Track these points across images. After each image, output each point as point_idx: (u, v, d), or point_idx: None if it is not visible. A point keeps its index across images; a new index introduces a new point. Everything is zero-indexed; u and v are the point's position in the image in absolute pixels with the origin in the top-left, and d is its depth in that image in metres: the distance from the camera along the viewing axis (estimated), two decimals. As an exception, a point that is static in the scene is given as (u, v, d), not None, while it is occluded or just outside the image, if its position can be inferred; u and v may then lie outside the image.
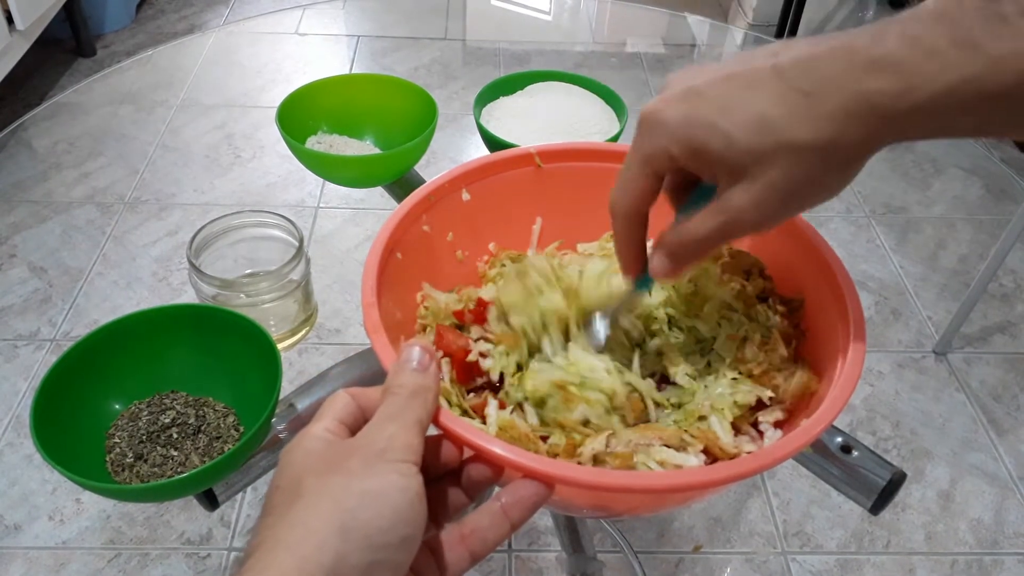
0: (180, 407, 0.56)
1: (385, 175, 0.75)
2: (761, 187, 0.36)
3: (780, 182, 0.35)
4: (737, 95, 0.35)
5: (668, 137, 0.37)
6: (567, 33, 2.03)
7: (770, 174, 0.35)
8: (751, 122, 0.35)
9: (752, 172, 0.36)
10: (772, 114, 0.34)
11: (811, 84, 0.34)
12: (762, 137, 0.34)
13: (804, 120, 0.34)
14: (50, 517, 1.08)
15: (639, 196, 0.41)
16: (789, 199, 0.36)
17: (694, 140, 0.36)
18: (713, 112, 0.35)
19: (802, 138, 0.34)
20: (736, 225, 0.38)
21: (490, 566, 1.07)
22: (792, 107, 0.34)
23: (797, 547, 1.10)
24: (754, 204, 0.36)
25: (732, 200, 0.37)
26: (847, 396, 0.42)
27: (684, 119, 0.36)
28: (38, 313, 1.35)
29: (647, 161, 0.39)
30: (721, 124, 0.35)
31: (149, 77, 1.87)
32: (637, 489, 0.38)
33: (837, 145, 0.34)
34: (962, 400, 1.29)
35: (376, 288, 0.46)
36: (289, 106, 0.75)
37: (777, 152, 0.35)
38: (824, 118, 0.34)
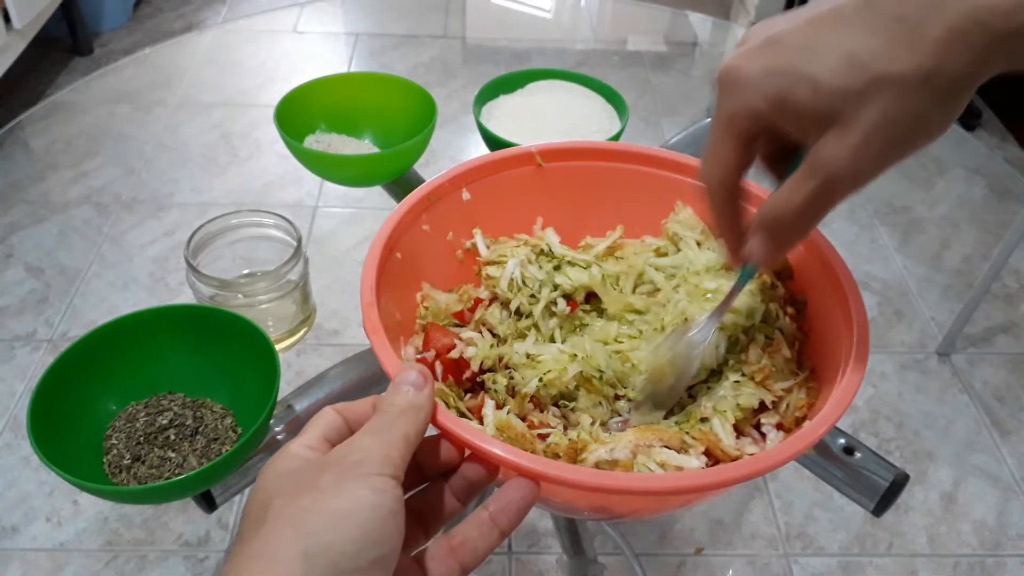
0: (178, 408, 0.56)
1: (384, 174, 0.74)
2: (858, 132, 0.32)
3: (880, 123, 0.31)
4: (822, 36, 0.32)
5: (750, 92, 0.34)
6: (568, 31, 2.02)
7: (867, 115, 0.31)
8: (840, 60, 0.31)
9: (845, 116, 0.32)
10: (864, 48, 0.31)
11: (908, 8, 0.30)
12: (854, 74, 0.31)
13: (903, 49, 0.30)
14: (47, 519, 1.08)
15: (729, 165, 0.37)
16: (890, 143, 0.32)
17: (777, 90, 0.33)
18: (796, 58, 0.32)
19: (901, 69, 0.30)
20: (834, 183, 0.33)
21: (490, 568, 1.07)
22: (888, 37, 0.30)
23: (799, 549, 1.10)
24: (851, 154, 0.32)
25: (825, 153, 0.33)
26: (850, 399, 0.41)
27: (764, 70, 0.33)
28: (35, 314, 1.34)
29: (731, 123, 0.35)
30: (806, 68, 0.32)
31: (146, 76, 1.87)
32: (639, 491, 0.38)
33: (943, 74, 0.30)
34: (965, 401, 1.29)
35: (375, 288, 0.46)
36: (287, 105, 0.74)
37: (873, 89, 0.31)
38: (926, 44, 0.30)
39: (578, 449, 0.43)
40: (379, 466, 0.32)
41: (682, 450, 0.44)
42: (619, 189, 0.58)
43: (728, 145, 0.36)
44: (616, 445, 0.43)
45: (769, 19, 0.35)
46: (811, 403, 0.46)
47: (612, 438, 0.44)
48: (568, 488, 0.38)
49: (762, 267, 0.40)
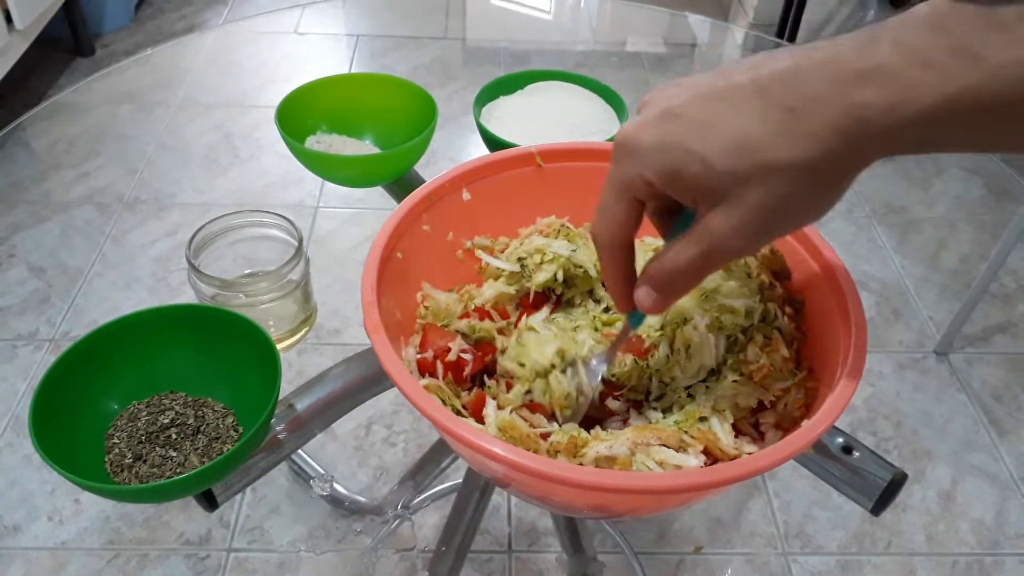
0: (179, 407, 0.56)
1: (385, 175, 0.75)
2: (742, 211, 0.34)
3: (762, 205, 0.34)
4: (715, 115, 0.33)
5: (643, 163, 0.36)
6: (567, 32, 2.02)
7: (751, 197, 0.33)
8: (729, 143, 0.33)
9: (732, 195, 0.34)
10: (752, 133, 0.33)
11: (794, 99, 0.32)
12: (741, 158, 0.33)
13: (787, 138, 0.32)
14: (49, 518, 1.08)
15: (620, 225, 0.39)
16: (772, 222, 0.35)
17: (670, 165, 0.35)
18: (689, 134, 0.34)
19: (785, 157, 0.32)
20: (718, 252, 0.36)
21: (490, 567, 1.07)
22: (774, 125, 0.32)
23: (798, 548, 1.10)
24: (735, 229, 0.35)
25: (712, 226, 0.35)
26: (848, 398, 0.41)
27: (659, 143, 0.35)
28: (37, 313, 1.34)
29: (625, 188, 0.37)
30: (697, 147, 0.34)
31: (148, 77, 1.87)
32: (639, 490, 0.38)
33: (823, 163, 0.32)
34: (963, 400, 1.29)
35: (376, 288, 0.46)
36: (288, 106, 0.74)
37: (758, 174, 0.33)
38: (808, 135, 0.32)
39: (578, 445, 0.43)
40: None
41: (680, 449, 0.44)
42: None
43: (619, 207, 0.38)
44: (615, 442, 0.43)
45: (667, 86, 0.36)
46: (809, 403, 0.47)
47: (610, 435, 0.44)
48: (572, 488, 0.38)
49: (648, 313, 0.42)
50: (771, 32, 2.27)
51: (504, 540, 1.10)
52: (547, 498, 0.46)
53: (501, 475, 0.39)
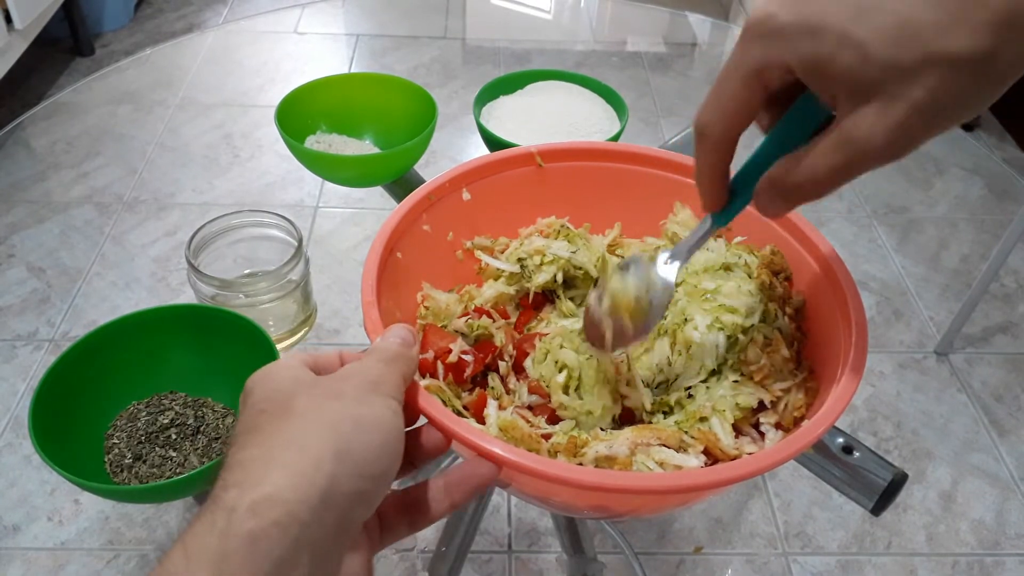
0: (179, 408, 0.56)
1: (384, 175, 0.74)
2: (903, 110, 0.30)
3: (925, 103, 0.29)
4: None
5: (784, 46, 0.31)
6: (567, 32, 2.02)
7: (915, 93, 0.29)
8: (894, 29, 0.29)
9: (891, 91, 0.30)
10: (920, 19, 0.29)
11: None
12: (906, 48, 0.29)
13: (960, 26, 0.28)
14: (49, 518, 1.08)
15: (739, 115, 0.35)
16: (930, 123, 0.30)
17: (817, 51, 0.30)
18: (844, 15, 0.30)
19: (956, 48, 0.28)
20: (864, 159, 0.32)
21: (490, 567, 1.07)
22: (946, 9, 0.28)
23: (798, 548, 1.10)
24: (891, 130, 0.30)
25: (861, 127, 0.31)
26: (848, 398, 0.41)
27: (805, 24, 0.30)
28: (36, 313, 1.34)
29: (754, 75, 0.33)
30: (854, 31, 0.29)
31: (147, 76, 1.87)
32: (639, 490, 0.38)
33: (997, 57, 0.29)
34: (964, 401, 1.29)
35: (376, 288, 0.46)
36: (288, 105, 0.74)
37: (925, 66, 0.29)
38: (985, 24, 0.28)
39: (577, 445, 0.43)
40: (394, 390, 0.34)
41: (681, 449, 0.44)
42: (618, 189, 0.58)
43: (743, 96, 0.34)
44: (614, 442, 0.43)
45: None
46: (809, 403, 0.47)
47: (610, 435, 0.44)
48: (573, 488, 0.38)
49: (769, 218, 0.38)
50: (771, 32, 2.26)
51: (504, 540, 1.10)
52: (547, 498, 0.45)
53: (502, 475, 0.39)
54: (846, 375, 0.42)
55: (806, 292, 0.51)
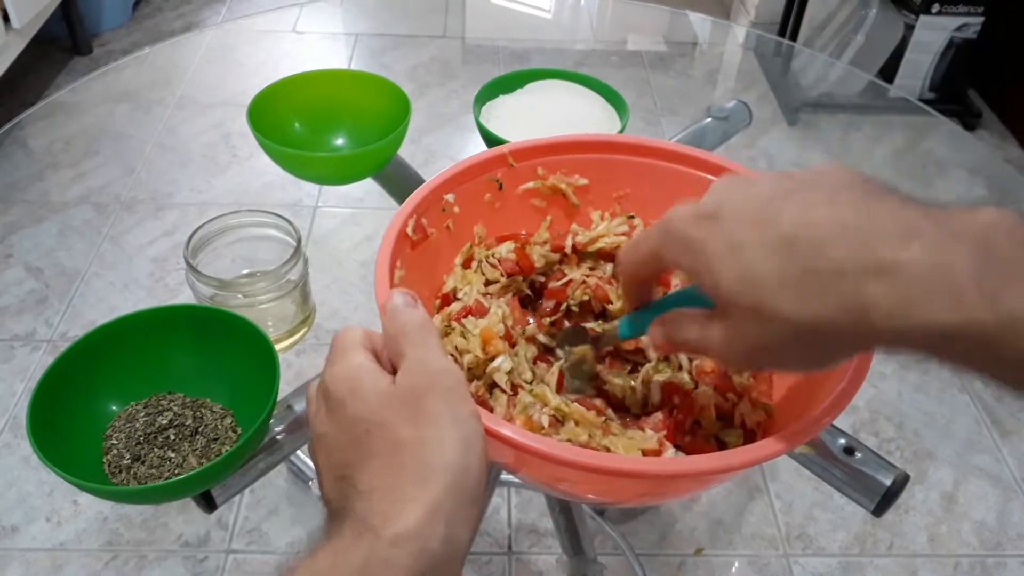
0: (177, 408, 0.55)
1: (358, 173, 0.74)
2: (733, 333, 0.36)
3: (751, 337, 0.35)
4: (744, 241, 0.34)
5: (675, 250, 0.38)
6: (567, 31, 2.02)
7: (748, 329, 0.35)
8: (744, 275, 0.34)
9: (733, 319, 0.36)
10: (767, 276, 0.33)
11: (815, 263, 0.32)
12: (746, 293, 0.34)
13: (795, 294, 0.33)
14: (47, 519, 1.07)
15: (642, 268, 0.42)
16: (763, 358, 0.37)
17: (691, 264, 0.37)
18: (716, 250, 0.35)
19: (783, 308, 0.33)
20: (710, 353, 0.39)
21: (490, 568, 1.06)
22: (789, 277, 0.33)
23: (800, 549, 1.10)
24: (726, 346, 0.37)
25: (710, 330, 0.38)
26: (852, 393, 0.42)
27: (692, 244, 0.36)
28: (34, 314, 1.34)
29: (654, 253, 0.40)
30: (716, 265, 0.35)
31: (146, 76, 1.86)
32: (654, 475, 0.39)
33: (817, 331, 0.33)
34: (965, 401, 1.29)
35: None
36: (261, 103, 0.74)
37: (756, 312, 0.34)
38: (815, 302, 0.32)
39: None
40: (463, 383, 0.36)
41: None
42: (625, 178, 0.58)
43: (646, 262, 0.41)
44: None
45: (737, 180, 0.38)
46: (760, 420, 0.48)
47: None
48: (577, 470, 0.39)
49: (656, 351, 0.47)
50: (773, 31, 2.26)
51: (504, 541, 1.09)
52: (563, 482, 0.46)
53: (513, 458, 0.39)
54: (851, 370, 0.43)
55: None
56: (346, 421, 0.35)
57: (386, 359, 0.38)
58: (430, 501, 0.33)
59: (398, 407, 0.35)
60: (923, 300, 0.30)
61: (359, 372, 0.36)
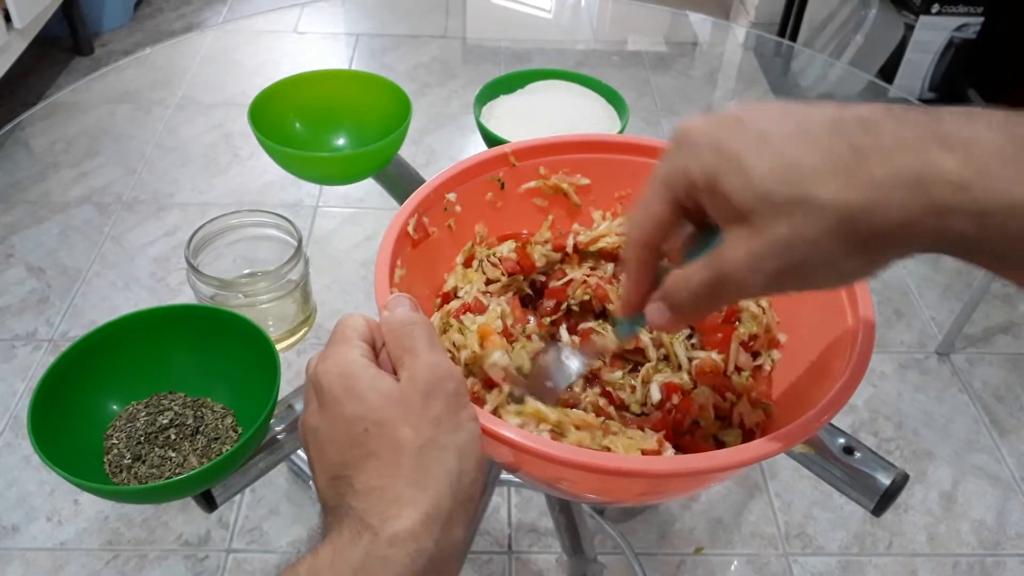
0: (178, 408, 0.56)
1: (358, 173, 0.74)
2: (762, 243, 0.31)
3: (785, 240, 0.30)
4: (778, 132, 0.30)
5: (692, 158, 0.33)
6: (568, 31, 2.02)
7: (777, 230, 0.30)
8: (779, 165, 0.30)
9: (759, 223, 0.31)
10: (807, 162, 0.29)
11: (867, 140, 0.29)
12: (784, 184, 0.30)
13: (843, 177, 0.29)
14: (48, 518, 1.08)
15: (653, 221, 0.36)
16: (787, 268, 0.31)
17: (714, 168, 0.32)
18: (744, 143, 0.31)
19: (828, 196, 0.29)
20: (722, 283, 0.33)
21: (490, 568, 1.07)
22: (834, 160, 0.29)
23: (799, 549, 1.10)
24: (747, 262, 0.31)
25: (727, 251, 0.32)
26: (852, 390, 0.42)
27: (712, 142, 0.32)
28: (36, 313, 1.34)
29: (667, 183, 0.34)
30: (746, 159, 0.30)
31: (147, 76, 1.87)
32: (646, 474, 0.39)
33: (866, 218, 0.29)
34: (965, 401, 1.29)
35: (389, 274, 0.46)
36: (262, 103, 0.74)
37: (794, 206, 0.29)
38: (867, 181, 0.28)
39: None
40: (465, 388, 0.36)
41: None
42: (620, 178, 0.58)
43: (658, 204, 0.35)
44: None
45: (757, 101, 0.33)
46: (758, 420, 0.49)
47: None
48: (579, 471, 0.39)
49: (657, 329, 0.40)
50: (772, 31, 2.26)
51: (504, 541, 1.10)
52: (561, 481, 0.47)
53: (512, 457, 0.40)
54: (851, 367, 0.43)
55: (816, 295, 0.51)
56: (342, 420, 0.35)
57: (384, 357, 0.38)
58: (428, 504, 0.33)
59: (398, 408, 0.35)
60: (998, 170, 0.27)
61: (354, 368, 0.36)
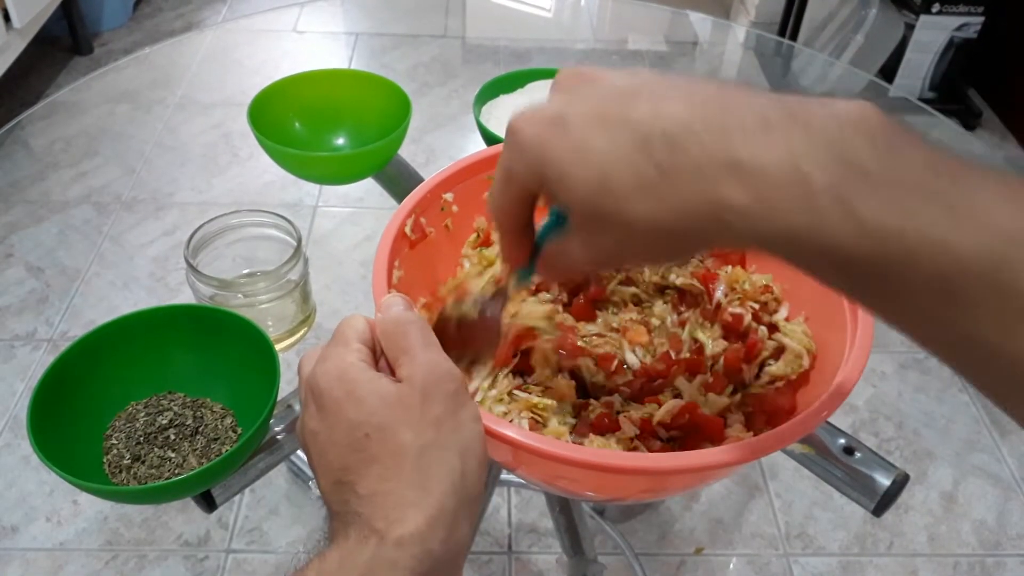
0: (178, 408, 0.56)
1: (358, 172, 0.74)
2: (594, 244, 0.35)
3: (613, 250, 0.34)
4: (596, 143, 0.32)
5: (523, 161, 0.35)
6: (568, 30, 2.02)
7: (603, 236, 0.34)
8: (595, 180, 0.32)
9: (588, 226, 0.34)
10: (619, 179, 0.31)
11: (670, 162, 0.30)
12: (600, 199, 0.32)
13: (648, 196, 0.31)
14: (47, 518, 1.07)
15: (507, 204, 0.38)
16: (616, 260, 0.38)
17: (541, 172, 0.34)
18: (567, 153, 0.33)
19: (638, 215, 0.31)
20: (574, 267, 0.38)
21: (490, 568, 1.07)
22: (642, 179, 0.31)
23: (799, 549, 1.10)
24: (587, 257, 0.36)
25: (569, 247, 0.36)
26: (851, 385, 0.42)
27: (539, 150, 0.34)
28: (35, 313, 1.34)
29: (508, 177, 0.37)
30: (569, 170, 0.33)
31: (146, 75, 1.87)
32: (646, 471, 0.39)
33: (672, 234, 0.32)
34: (965, 401, 1.29)
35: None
36: (261, 103, 0.74)
37: (611, 219, 0.32)
38: (668, 203, 0.31)
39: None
40: (465, 387, 0.37)
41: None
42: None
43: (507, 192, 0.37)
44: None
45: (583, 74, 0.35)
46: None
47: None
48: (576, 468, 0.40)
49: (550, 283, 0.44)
50: (773, 31, 2.26)
51: (504, 541, 1.10)
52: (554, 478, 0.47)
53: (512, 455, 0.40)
54: (851, 361, 0.43)
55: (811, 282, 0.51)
56: (343, 425, 0.35)
57: (381, 359, 0.38)
58: (433, 505, 0.33)
59: (398, 411, 0.35)
60: (777, 202, 0.29)
61: (351, 371, 0.36)
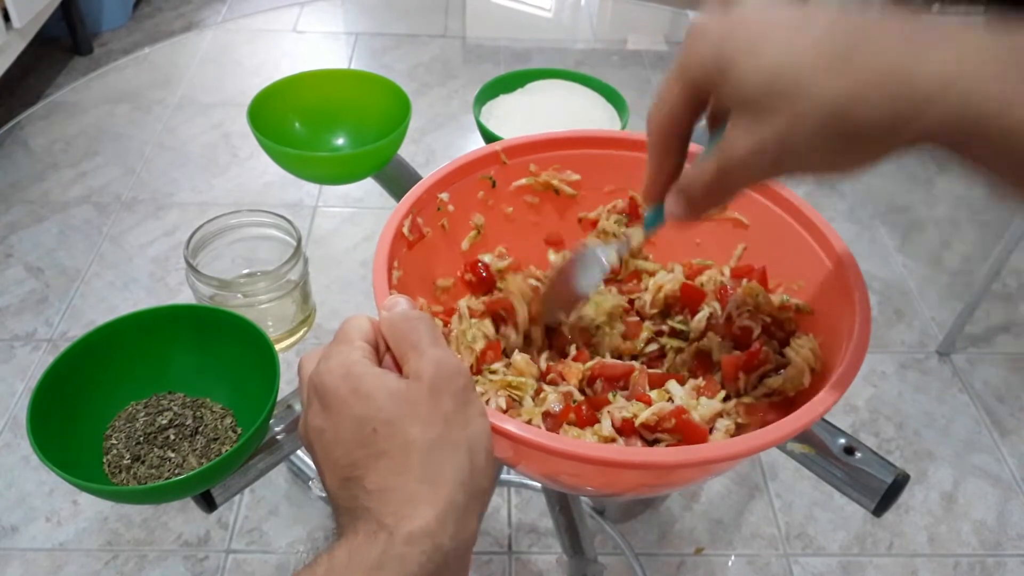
0: (178, 408, 0.55)
1: (358, 172, 0.74)
2: (762, 133, 0.33)
3: (782, 133, 0.33)
4: (777, 30, 0.32)
5: (705, 49, 0.35)
6: (568, 30, 2.02)
7: (775, 121, 0.32)
8: (774, 61, 0.32)
9: (761, 113, 0.33)
10: (800, 59, 0.31)
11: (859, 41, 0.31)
12: (779, 78, 0.32)
13: (833, 74, 0.31)
14: (47, 519, 1.07)
15: (673, 109, 0.38)
16: (787, 156, 0.34)
17: (721, 60, 0.34)
18: (750, 38, 0.33)
19: (818, 90, 0.31)
20: (732, 170, 0.35)
21: (490, 568, 1.06)
22: (826, 59, 0.31)
23: (799, 549, 1.09)
24: (750, 150, 0.34)
25: (732, 141, 0.35)
26: (849, 381, 0.42)
27: (723, 35, 0.34)
28: (35, 313, 1.34)
29: (683, 72, 0.36)
30: (750, 52, 0.33)
31: (146, 76, 1.86)
32: (647, 465, 0.39)
33: (856, 114, 0.31)
34: (965, 401, 1.29)
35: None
36: (261, 102, 0.74)
37: (788, 99, 0.32)
38: (856, 78, 0.30)
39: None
40: (472, 383, 0.37)
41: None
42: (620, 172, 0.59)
43: (676, 93, 0.37)
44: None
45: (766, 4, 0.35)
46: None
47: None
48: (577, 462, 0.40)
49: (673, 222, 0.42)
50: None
51: (504, 541, 1.09)
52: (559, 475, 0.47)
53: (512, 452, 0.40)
54: (848, 358, 0.43)
55: (809, 280, 0.51)
56: (349, 421, 0.35)
57: (387, 358, 0.38)
58: (442, 501, 0.33)
59: (406, 406, 0.34)
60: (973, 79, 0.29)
61: (357, 368, 0.36)
